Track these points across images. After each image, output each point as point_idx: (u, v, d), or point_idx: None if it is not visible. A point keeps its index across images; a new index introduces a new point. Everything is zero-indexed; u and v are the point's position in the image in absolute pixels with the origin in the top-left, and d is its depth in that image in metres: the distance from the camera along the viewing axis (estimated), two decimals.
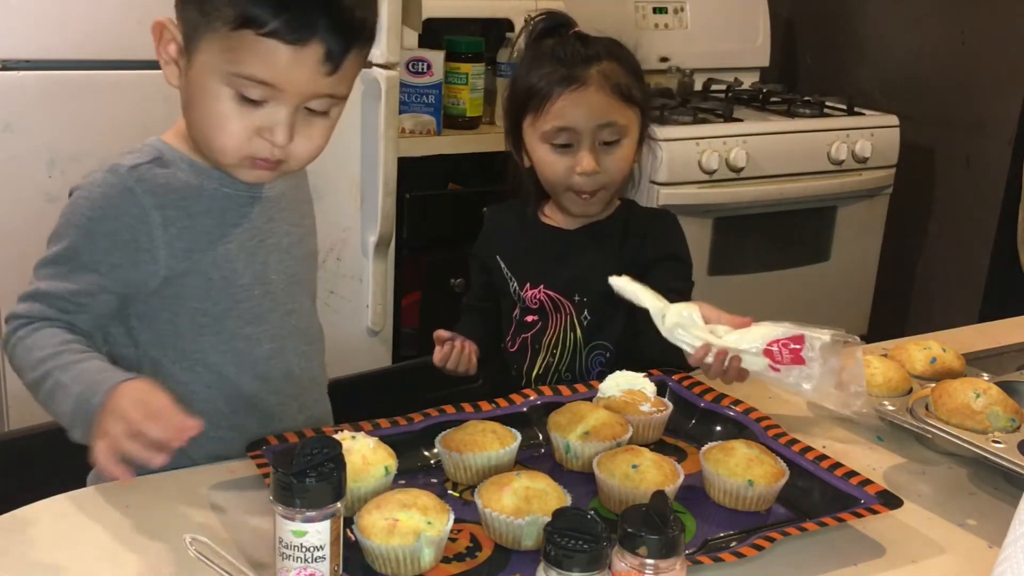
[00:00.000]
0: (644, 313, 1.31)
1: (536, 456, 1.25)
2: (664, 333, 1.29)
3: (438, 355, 1.54)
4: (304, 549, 0.91)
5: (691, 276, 1.57)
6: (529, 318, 1.57)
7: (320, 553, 0.91)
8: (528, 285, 1.56)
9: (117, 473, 1.05)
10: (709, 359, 1.27)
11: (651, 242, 1.55)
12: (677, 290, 1.43)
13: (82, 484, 1.26)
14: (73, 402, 1.10)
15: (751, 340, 1.27)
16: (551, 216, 1.59)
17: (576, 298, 1.53)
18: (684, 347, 1.29)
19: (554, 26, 1.55)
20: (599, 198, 1.52)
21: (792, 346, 1.25)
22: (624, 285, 1.32)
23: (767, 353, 1.26)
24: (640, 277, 1.36)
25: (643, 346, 1.44)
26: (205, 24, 1.11)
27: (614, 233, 1.55)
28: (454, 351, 1.54)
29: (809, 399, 1.33)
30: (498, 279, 1.61)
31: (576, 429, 1.21)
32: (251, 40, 1.09)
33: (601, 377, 1.36)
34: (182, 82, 1.17)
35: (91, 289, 1.18)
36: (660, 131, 2.46)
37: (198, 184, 1.22)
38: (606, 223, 1.56)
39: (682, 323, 1.28)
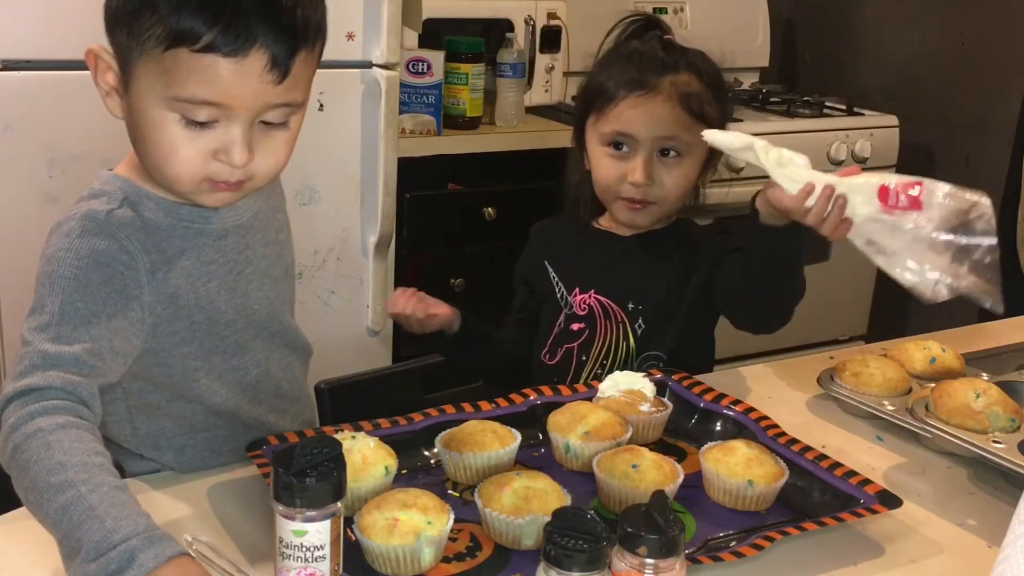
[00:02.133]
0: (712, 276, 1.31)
1: (536, 456, 1.25)
2: (768, 169, 1.20)
3: (392, 302, 1.50)
4: (304, 549, 0.91)
5: None
6: (575, 326, 1.52)
7: (320, 553, 0.91)
8: (577, 290, 1.52)
9: None
10: (811, 200, 1.18)
11: (710, 245, 1.50)
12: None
13: None
14: (98, 535, 0.90)
15: (861, 180, 1.16)
16: (605, 224, 1.55)
17: (630, 306, 1.49)
18: (787, 185, 1.19)
19: (646, 29, 1.51)
20: (650, 212, 1.47)
21: (910, 191, 1.12)
22: (716, 136, 1.25)
23: (881, 194, 1.14)
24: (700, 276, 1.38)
25: (721, 283, 1.41)
26: (137, 47, 1.03)
27: (670, 243, 1.50)
28: (411, 301, 1.50)
29: (898, 256, 1.19)
30: (543, 286, 1.56)
31: (576, 429, 1.21)
32: (186, 58, 1.01)
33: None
34: (124, 112, 1.09)
35: (100, 346, 1.06)
36: None
37: (169, 224, 1.15)
38: (662, 233, 1.51)
39: (786, 161, 1.19)
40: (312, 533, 0.91)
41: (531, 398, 1.33)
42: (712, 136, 1.25)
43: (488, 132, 2.63)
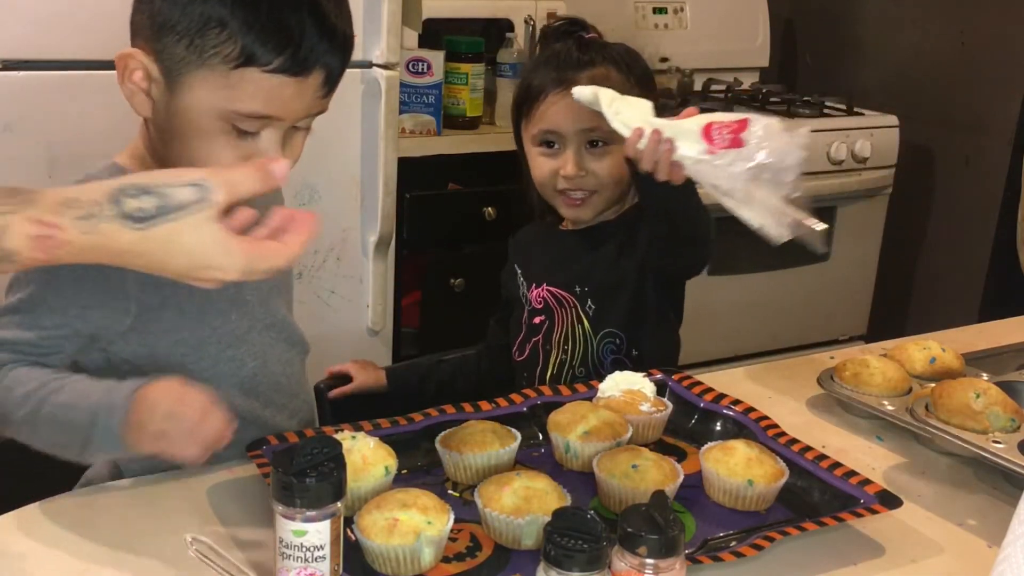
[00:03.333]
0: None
1: (536, 456, 1.25)
2: (608, 118, 1.24)
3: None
4: (304, 549, 0.91)
5: None
6: (537, 319, 1.57)
7: (320, 553, 0.92)
8: (533, 285, 1.58)
9: (204, 455, 1.06)
10: (642, 144, 1.23)
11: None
12: None
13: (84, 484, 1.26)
14: (88, 415, 1.05)
15: (690, 122, 1.19)
16: (567, 223, 1.60)
17: (577, 289, 1.53)
18: (623, 132, 1.24)
19: (567, 31, 1.54)
20: (591, 204, 1.52)
21: (734, 129, 1.14)
22: (577, 93, 1.30)
23: (705, 135, 1.16)
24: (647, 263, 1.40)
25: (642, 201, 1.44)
26: (196, 60, 1.06)
27: (618, 232, 1.55)
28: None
29: (737, 197, 1.19)
30: (514, 288, 1.63)
31: (576, 429, 1.21)
32: (255, 77, 1.06)
33: (615, 367, 1.37)
34: (159, 115, 1.12)
35: (60, 333, 1.14)
36: None
37: None
38: (612, 224, 1.56)
39: (621, 108, 1.22)
40: (312, 533, 0.91)
41: (531, 398, 1.33)
42: (576, 93, 1.30)
43: (488, 132, 2.63)
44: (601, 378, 1.34)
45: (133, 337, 1.18)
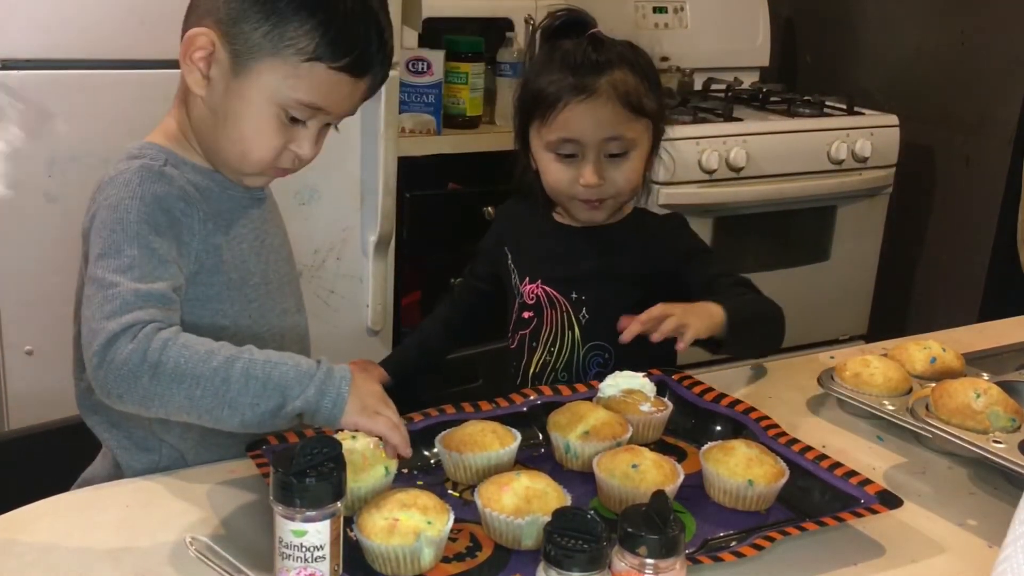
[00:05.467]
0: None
1: (536, 456, 1.25)
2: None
3: None
4: (304, 549, 0.91)
5: (723, 261, 1.57)
6: (526, 314, 1.56)
7: (320, 553, 0.91)
8: (527, 279, 1.56)
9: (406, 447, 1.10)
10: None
11: (669, 243, 1.53)
12: (725, 274, 1.48)
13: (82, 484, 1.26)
14: (296, 373, 1.06)
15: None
16: (562, 214, 1.56)
17: (573, 295, 1.52)
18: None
19: (571, 25, 1.50)
20: (606, 207, 1.49)
21: None
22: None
23: None
24: (670, 276, 1.43)
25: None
26: (270, 50, 1.15)
27: (622, 239, 1.53)
28: None
29: None
30: (503, 270, 1.61)
31: (576, 429, 1.21)
32: (321, 72, 1.16)
33: (599, 378, 1.36)
34: (215, 94, 1.19)
35: (177, 283, 1.15)
36: None
37: (207, 186, 1.23)
38: (615, 227, 1.53)
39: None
40: (312, 533, 0.91)
41: (531, 398, 1.33)
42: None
43: (488, 132, 2.63)
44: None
45: (184, 305, 1.19)
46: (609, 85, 1.43)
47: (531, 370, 1.55)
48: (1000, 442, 1.20)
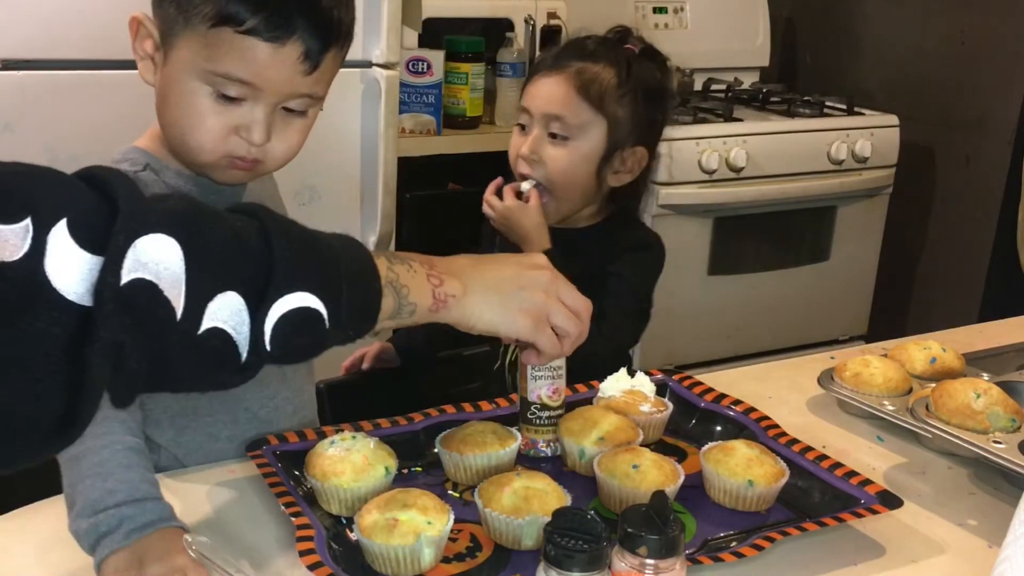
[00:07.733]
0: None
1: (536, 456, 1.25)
2: None
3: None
4: None
5: (632, 302, 1.53)
6: None
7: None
8: None
9: None
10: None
11: (614, 259, 1.51)
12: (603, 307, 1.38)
13: None
14: (96, 495, 0.98)
15: None
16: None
17: None
18: None
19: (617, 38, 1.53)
20: (550, 208, 1.49)
21: None
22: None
23: None
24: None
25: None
26: (183, 21, 1.10)
27: (585, 242, 1.53)
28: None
29: None
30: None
31: (591, 435, 1.20)
32: (229, 37, 1.09)
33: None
34: (157, 79, 1.16)
35: None
36: None
37: (188, 191, 1.19)
38: (582, 231, 1.54)
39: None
40: None
41: None
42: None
43: (488, 132, 2.63)
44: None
45: None
46: (578, 71, 1.45)
47: (506, 359, 1.56)
48: (1000, 442, 1.20)
